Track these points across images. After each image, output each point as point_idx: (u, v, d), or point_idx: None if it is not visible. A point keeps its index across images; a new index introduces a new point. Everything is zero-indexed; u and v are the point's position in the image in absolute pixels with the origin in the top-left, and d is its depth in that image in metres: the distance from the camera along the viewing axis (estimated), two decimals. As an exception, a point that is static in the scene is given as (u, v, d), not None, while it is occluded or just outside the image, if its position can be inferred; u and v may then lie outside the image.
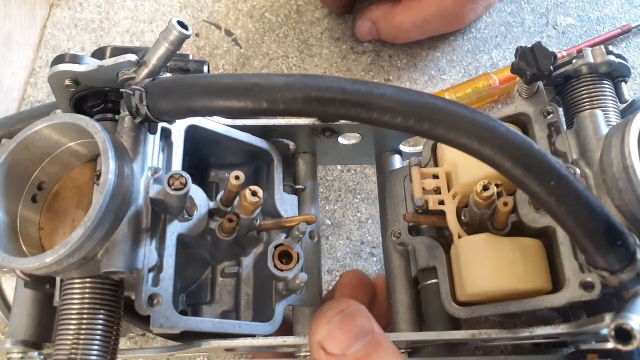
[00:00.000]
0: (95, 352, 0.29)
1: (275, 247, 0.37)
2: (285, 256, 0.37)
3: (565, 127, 0.38)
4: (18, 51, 0.61)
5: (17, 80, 0.61)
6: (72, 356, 0.28)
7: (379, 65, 0.61)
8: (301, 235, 0.38)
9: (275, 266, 0.36)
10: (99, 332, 0.29)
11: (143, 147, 0.34)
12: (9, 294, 0.43)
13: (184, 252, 0.37)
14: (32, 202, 0.33)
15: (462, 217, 0.37)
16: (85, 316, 0.29)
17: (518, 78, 0.37)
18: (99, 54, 0.38)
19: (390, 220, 0.42)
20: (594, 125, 0.35)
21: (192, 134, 0.38)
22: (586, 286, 0.31)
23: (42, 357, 0.35)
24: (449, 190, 0.38)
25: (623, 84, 0.39)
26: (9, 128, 0.48)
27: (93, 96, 0.36)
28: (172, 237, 0.33)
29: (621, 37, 0.61)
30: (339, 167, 0.57)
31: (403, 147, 0.46)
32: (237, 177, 0.35)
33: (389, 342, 0.30)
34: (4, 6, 0.59)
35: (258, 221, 0.38)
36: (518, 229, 0.36)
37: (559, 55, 0.53)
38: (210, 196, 0.37)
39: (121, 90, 0.33)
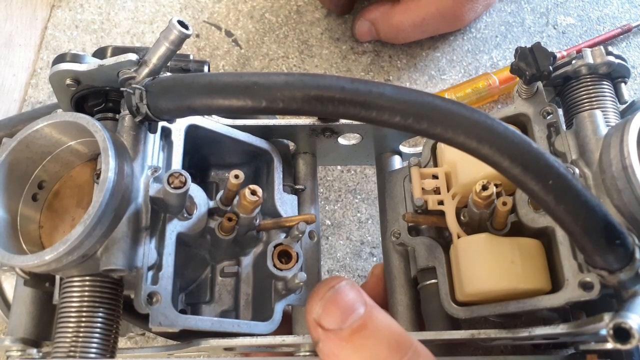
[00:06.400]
0: (94, 350, 0.29)
1: (275, 247, 0.37)
2: (284, 256, 0.37)
3: (564, 127, 0.38)
4: (19, 52, 0.62)
5: (18, 82, 0.61)
6: (71, 354, 0.29)
7: (379, 66, 0.61)
8: (301, 235, 0.38)
9: (274, 266, 0.36)
10: (98, 330, 0.29)
11: (143, 146, 0.34)
12: (9, 293, 0.43)
13: (184, 251, 0.37)
14: (33, 201, 0.33)
15: (462, 217, 0.37)
16: (84, 314, 0.30)
17: (518, 78, 0.37)
18: (99, 53, 0.38)
19: (390, 220, 0.42)
20: (593, 126, 0.35)
21: (192, 133, 0.38)
22: (585, 286, 0.31)
23: (41, 354, 0.36)
24: (448, 191, 0.38)
25: (623, 84, 0.39)
26: (10, 129, 0.48)
27: (94, 95, 0.36)
28: (171, 235, 0.34)
29: (621, 36, 0.61)
30: (339, 167, 0.57)
31: (403, 148, 0.46)
32: (236, 176, 0.35)
33: (382, 311, 0.30)
34: (5, 8, 0.60)
35: (257, 221, 0.38)
36: (517, 229, 0.36)
37: (558, 55, 0.53)
38: (210, 196, 0.37)
39: (122, 89, 0.33)
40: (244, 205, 0.35)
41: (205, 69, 0.40)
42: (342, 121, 0.41)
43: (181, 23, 0.31)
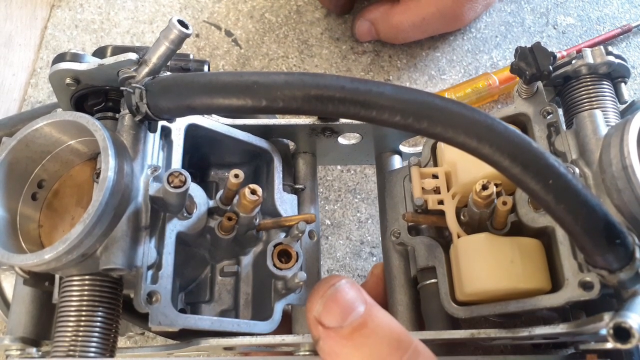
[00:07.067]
0: (93, 349, 0.29)
1: (275, 246, 0.37)
2: (284, 255, 0.37)
3: (564, 127, 0.38)
4: (19, 52, 0.62)
5: (18, 81, 0.61)
6: (71, 353, 0.29)
7: (379, 66, 0.61)
8: (300, 235, 0.38)
9: (274, 265, 0.36)
10: (97, 329, 0.29)
11: (143, 145, 0.34)
12: (9, 292, 0.43)
13: (184, 251, 0.37)
14: (32, 200, 0.33)
15: (462, 217, 0.37)
16: (84, 313, 0.30)
17: (518, 78, 0.37)
18: (99, 53, 0.38)
19: (389, 220, 0.42)
20: (593, 125, 0.35)
21: (192, 132, 0.38)
22: (585, 286, 0.31)
23: (40, 353, 0.35)
24: (448, 190, 0.38)
25: (622, 84, 0.39)
26: (10, 128, 0.48)
27: (94, 95, 0.36)
28: (171, 235, 0.34)
29: (621, 36, 0.61)
30: (338, 167, 0.57)
31: (403, 148, 0.46)
32: (236, 176, 0.35)
33: (382, 310, 0.30)
34: (5, 7, 0.60)
35: (257, 220, 0.38)
36: (517, 229, 0.36)
37: (558, 55, 0.53)
38: (210, 195, 0.37)
39: (121, 88, 0.33)
40: (243, 204, 0.35)
41: (205, 68, 0.40)
42: (342, 121, 0.41)
43: (181, 22, 0.31)
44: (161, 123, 0.36)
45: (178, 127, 0.37)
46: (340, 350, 0.29)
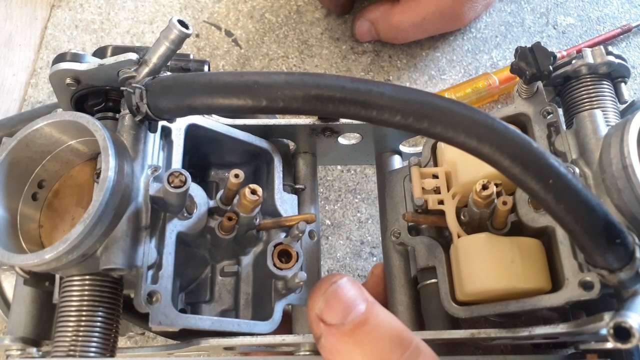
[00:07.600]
0: (94, 349, 0.29)
1: (275, 246, 0.37)
2: (284, 255, 0.37)
3: (564, 127, 0.38)
4: (19, 52, 0.62)
5: (18, 81, 0.61)
6: (71, 353, 0.29)
7: (379, 66, 0.61)
8: (301, 235, 0.38)
9: (274, 265, 0.36)
10: (97, 329, 0.30)
11: (143, 145, 0.34)
12: (9, 292, 0.43)
13: (184, 251, 0.37)
14: (33, 200, 0.33)
15: (462, 217, 0.37)
16: (84, 313, 0.30)
17: (518, 78, 0.37)
18: (100, 53, 0.38)
19: (390, 220, 0.42)
20: (593, 125, 0.35)
21: (192, 133, 0.38)
22: (585, 286, 0.31)
23: (40, 353, 0.35)
24: (448, 190, 0.38)
25: (623, 84, 0.39)
26: (10, 129, 0.48)
27: (94, 95, 0.36)
28: (171, 235, 0.34)
29: (621, 36, 0.61)
30: (339, 167, 0.57)
31: (403, 148, 0.46)
32: (236, 176, 0.35)
33: (383, 308, 0.30)
34: (5, 7, 0.60)
35: (257, 220, 0.38)
36: (517, 229, 0.36)
37: (558, 55, 0.53)
38: (210, 195, 0.37)
39: (122, 88, 0.33)
40: (244, 204, 0.35)
41: (205, 68, 0.40)
42: (342, 121, 0.41)
43: (181, 22, 0.31)
44: (161, 123, 0.36)
45: (178, 127, 0.37)
46: (341, 347, 0.29)
